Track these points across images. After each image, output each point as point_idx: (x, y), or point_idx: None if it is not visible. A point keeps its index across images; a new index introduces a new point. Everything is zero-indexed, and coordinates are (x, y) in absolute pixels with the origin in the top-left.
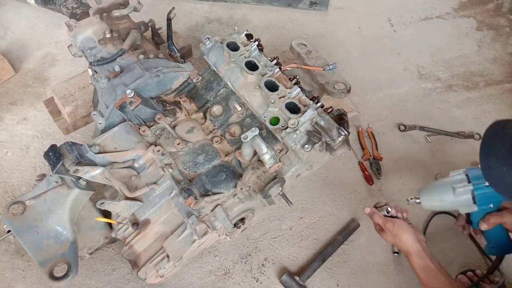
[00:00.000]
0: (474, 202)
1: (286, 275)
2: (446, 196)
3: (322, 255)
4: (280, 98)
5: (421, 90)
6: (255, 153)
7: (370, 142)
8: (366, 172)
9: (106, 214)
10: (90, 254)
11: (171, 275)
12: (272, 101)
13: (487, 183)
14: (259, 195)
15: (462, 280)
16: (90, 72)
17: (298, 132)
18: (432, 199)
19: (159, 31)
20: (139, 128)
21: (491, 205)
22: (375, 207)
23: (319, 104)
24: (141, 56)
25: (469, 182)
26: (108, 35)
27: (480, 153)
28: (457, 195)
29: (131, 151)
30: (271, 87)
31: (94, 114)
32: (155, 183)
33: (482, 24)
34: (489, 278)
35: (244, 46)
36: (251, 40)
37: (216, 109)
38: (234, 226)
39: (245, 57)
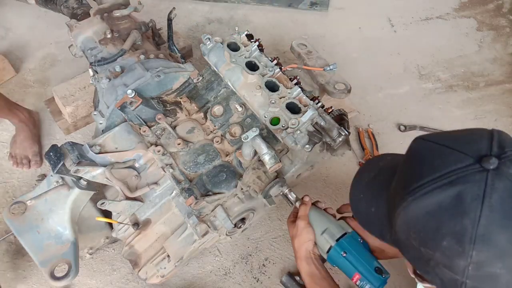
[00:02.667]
0: (327, 252)
1: (286, 275)
2: (316, 228)
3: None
4: (280, 98)
5: (422, 90)
6: (255, 153)
7: (371, 142)
8: None
9: (107, 214)
10: (91, 254)
11: (171, 275)
12: (273, 101)
13: (343, 254)
14: (260, 195)
15: None
16: (90, 72)
17: (299, 132)
18: (311, 220)
19: (159, 32)
20: (140, 128)
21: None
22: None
23: (319, 104)
24: (142, 56)
25: (337, 240)
26: (108, 35)
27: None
28: (320, 238)
29: (131, 151)
30: (272, 87)
31: (94, 114)
32: (155, 183)
33: (483, 24)
34: None
35: (244, 47)
36: (252, 40)
37: (217, 109)
38: (235, 226)
39: (245, 57)
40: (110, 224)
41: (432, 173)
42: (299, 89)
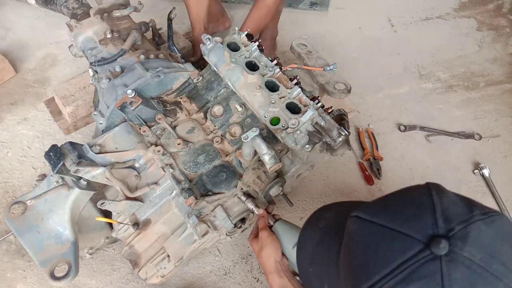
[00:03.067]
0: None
1: None
2: (285, 243)
3: None
4: (280, 98)
5: (421, 90)
6: (255, 153)
7: (370, 142)
8: (366, 172)
9: (107, 214)
10: (91, 254)
11: (171, 275)
12: (273, 101)
13: None
14: (260, 195)
15: None
16: (90, 72)
17: (299, 132)
18: (278, 234)
19: (159, 32)
20: (140, 128)
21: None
22: (268, 212)
23: (319, 104)
24: (142, 57)
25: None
26: (108, 36)
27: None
28: (291, 252)
29: (131, 151)
30: (272, 87)
31: (94, 114)
32: (155, 183)
33: (483, 24)
34: None
35: (244, 46)
36: (252, 40)
37: (217, 109)
38: (235, 226)
39: (245, 57)
40: (110, 224)
41: (380, 269)
42: (299, 89)
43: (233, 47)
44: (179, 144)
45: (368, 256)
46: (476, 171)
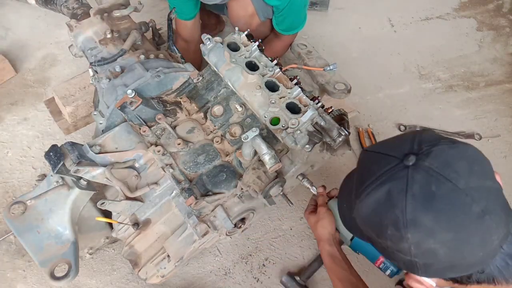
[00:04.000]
0: (351, 239)
1: (286, 275)
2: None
3: None
4: (280, 98)
5: (422, 90)
6: (255, 153)
7: (371, 142)
8: None
9: (107, 214)
10: (91, 254)
11: (171, 275)
12: (273, 101)
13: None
14: (260, 195)
15: None
16: (90, 72)
17: (299, 132)
18: (333, 210)
19: (159, 32)
20: (140, 128)
21: (359, 253)
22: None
23: (319, 104)
24: (142, 56)
25: None
26: (108, 36)
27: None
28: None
29: (131, 151)
30: (272, 87)
31: (94, 114)
32: (155, 183)
33: (483, 24)
34: None
35: (244, 46)
36: (252, 40)
37: (217, 109)
38: (235, 226)
39: (245, 57)
40: (110, 224)
41: (370, 177)
42: (299, 89)
43: (233, 47)
44: (179, 144)
45: (364, 171)
46: None
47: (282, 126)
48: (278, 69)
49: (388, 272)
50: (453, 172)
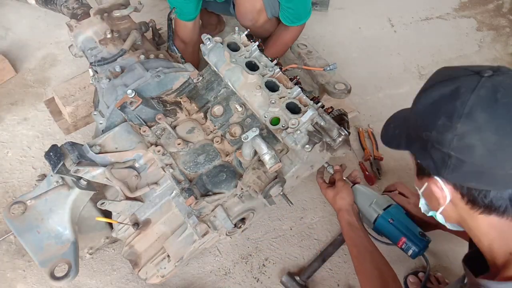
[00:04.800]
0: (373, 223)
1: (286, 275)
2: (363, 201)
3: (322, 255)
4: (280, 98)
5: None
6: (255, 153)
7: (371, 142)
8: (367, 172)
9: (107, 214)
10: (91, 254)
11: (171, 275)
12: (273, 101)
13: (391, 221)
14: (260, 195)
15: (412, 280)
16: (90, 72)
17: (299, 132)
18: (357, 194)
19: (159, 32)
20: (140, 128)
21: (382, 235)
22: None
23: (319, 104)
24: (142, 56)
25: (384, 209)
26: (108, 36)
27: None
28: (368, 209)
29: (131, 151)
30: (272, 87)
31: (94, 114)
32: (155, 183)
33: (483, 24)
34: (433, 277)
35: (244, 46)
36: (252, 40)
37: (217, 109)
38: (235, 226)
39: (245, 57)
40: (110, 224)
41: (441, 79)
42: (299, 89)
43: (233, 47)
44: (179, 144)
45: (437, 76)
46: None
47: (282, 126)
48: (278, 69)
49: (410, 252)
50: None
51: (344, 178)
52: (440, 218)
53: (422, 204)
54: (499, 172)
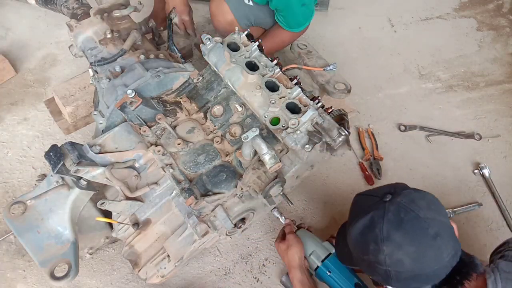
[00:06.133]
0: (314, 270)
1: (286, 275)
2: (305, 249)
3: None
4: (280, 98)
5: (422, 90)
6: (255, 153)
7: (371, 142)
8: (367, 172)
9: (107, 214)
10: (91, 254)
11: (171, 275)
12: (273, 101)
13: (328, 273)
14: (260, 195)
15: None
16: (90, 72)
17: (299, 132)
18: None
19: (159, 32)
20: (140, 128)
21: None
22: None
23: (319, 104)
24: (142, 56)
25: (323, 260)
26: (108, 36)
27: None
28: (308, 258)
29: (131, 151)
30: (272, 87)
31: (94, 114)
32: (155, 183)
33: (483, 24)
34: None
35: (244, 46)
36: (252, 40)
37: (217, 109)
38: (235, 226)
39: (245, 57)
40: (110, 224)
41: (360, 211)
42: (299, 89)
43: (233, 47)
44: (179, 144)
45: (356, 207)
46: (476, 171)
47: (282, 126)
48: (278, 69)
49: None
50: (416, 206)
51: (296, 231)
52: None
53: None
54: (428, 271)
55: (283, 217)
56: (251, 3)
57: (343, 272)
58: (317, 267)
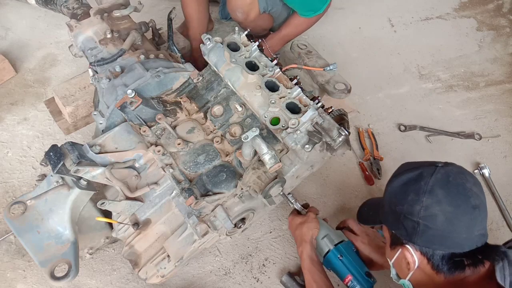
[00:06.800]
0: (325, 255)
1: (286, 275)
2: (319, 233)
3: None
4: (280, 98)
5: (422, 90)
6: (255, 153)
7: (371, 142)
8: (367, 172)
9: (107, 214)
10: (91, 254)
11: (171, 275)
12: (273, 101)
13: (340, 257)
14: (260, 195)
15: None
16: (90, 72)
17: (299, 132)
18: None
19: (159, 32)
20: (140, 128)
21: (330, 270)
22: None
23: (319, 104)
24: (142, 56)
25: (335, 245)
26: (108, 36)
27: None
28: (320, 242)
29: (131, 151)
30: (272, 87)
31: (94, 114)
32: (155, 183)
33: (483, 24)
34: None
35: (244, 46)
36: (252, 40)
37: (217, 109)
38: (235, 226)
39: (245, 57)
40: (110, 224)
41: (407, 168)
42: (299, 89)
43: (233, 47)
44: (179, 144)
45: (403, 166)
46: (476, 171)
47: (282, 126)
48: (278, 69)
49: None
50: (464, 177)
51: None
52: (408, 285)
53: (393, 274)
54: (456, 237)
55: (298, 203)
56: None
57: (354, 258)
58: (329, 250)
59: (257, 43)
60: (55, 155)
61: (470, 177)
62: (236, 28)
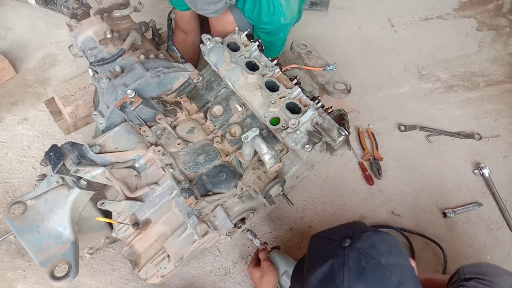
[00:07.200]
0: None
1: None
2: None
3: None
4: (280, 98)
5: (422, 90)
6: (255, 153)
7: (371, 142)
8: (367, 172)
9: (107, 214)
10: (91, 254)
11: (171, 275)
12: (273, 101)
13: None
14: (260, 195)
15: None
16: (90, 72)
17: (299, 132)
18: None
19: (159, 32)
20: (140, 128)
21: None
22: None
23: (319, 104)
24: (142, 56)
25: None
26: (108, 36)
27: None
28: (279, 279)
29: (131, 151)
30: (272, 87)
31: (94, 114)
32: (155, 183)
33: (483, 24)
34: None
35: (244, 46)
36: (252, 40)
37: (217, 109)
38: (235, 226)
39: (245, 57)
40: (110, 224)
41: (318, 257)
42: (299, 89)
43: (233, 47)
44: (179, 144)
45: (313, 253)
46: (476, 171)
47: (282, 126)
48: (278, 69)
49: None
50: (377, 252)
51: (269, 253)
52: None
53: None
54: None
55: (258, 240)
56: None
57: None
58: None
59: (257, 43)
60: (55, 155)
61: (382, 246)
62: (236, 28)
